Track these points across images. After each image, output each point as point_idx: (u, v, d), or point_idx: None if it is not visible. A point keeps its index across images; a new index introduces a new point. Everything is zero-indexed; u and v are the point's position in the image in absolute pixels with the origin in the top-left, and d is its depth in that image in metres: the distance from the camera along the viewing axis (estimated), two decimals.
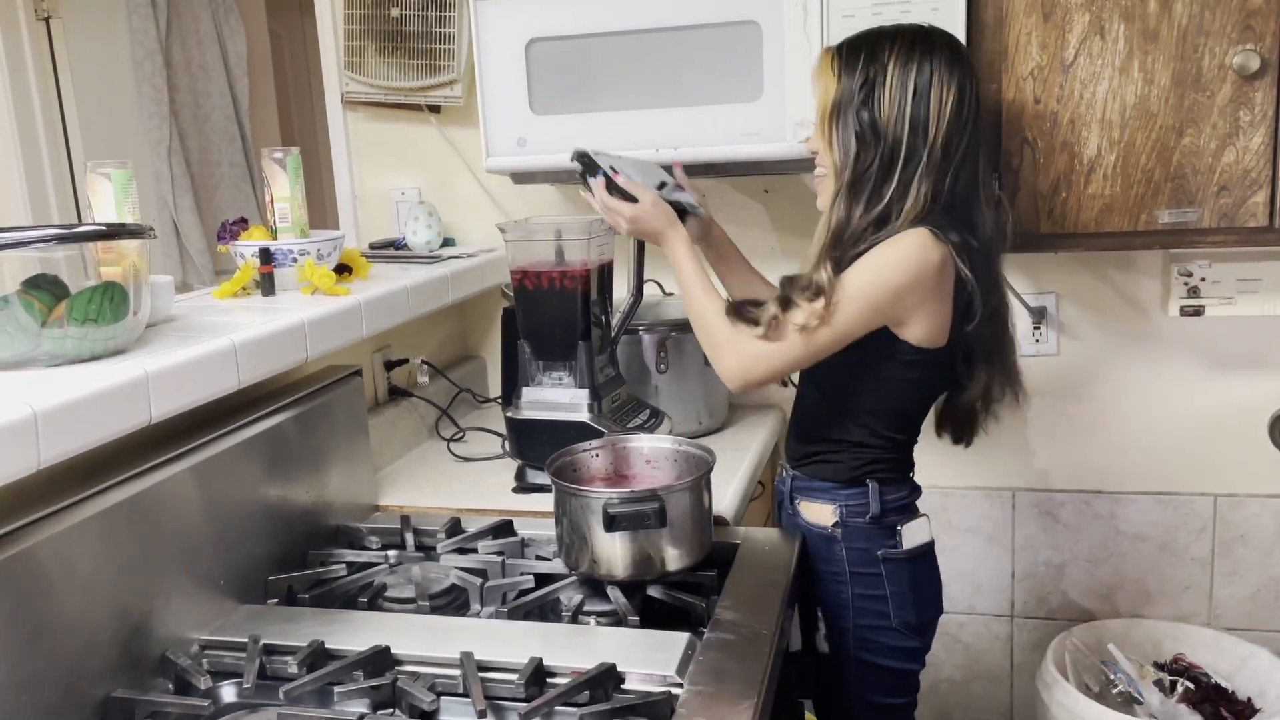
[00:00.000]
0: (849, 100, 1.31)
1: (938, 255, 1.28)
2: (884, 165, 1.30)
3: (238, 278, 1.59)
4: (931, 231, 1.28)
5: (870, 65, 1.30)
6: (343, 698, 1.10)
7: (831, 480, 1.42)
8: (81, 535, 1.07)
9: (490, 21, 1.78)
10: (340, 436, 1.55)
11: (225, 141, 3.32)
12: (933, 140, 1.28)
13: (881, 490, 1.40)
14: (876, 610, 1.41)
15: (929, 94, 1.28)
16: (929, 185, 1.29)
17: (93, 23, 2.85)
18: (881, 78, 1.29)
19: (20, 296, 1.10)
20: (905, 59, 1.29)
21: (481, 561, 1.42)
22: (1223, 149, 1.57)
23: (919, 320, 1.32)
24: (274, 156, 1.66)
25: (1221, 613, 2.03)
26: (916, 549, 1.41)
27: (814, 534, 1.44)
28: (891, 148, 1.29)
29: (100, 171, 1.35)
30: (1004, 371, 1.42)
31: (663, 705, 1.05)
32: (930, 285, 1.29)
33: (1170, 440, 1.99)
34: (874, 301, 1.29)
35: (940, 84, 1.28)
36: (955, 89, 1.28)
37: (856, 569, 1.41)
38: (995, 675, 2.17)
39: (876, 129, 1.29)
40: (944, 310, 1.33)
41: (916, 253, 1.28)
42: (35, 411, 0.96)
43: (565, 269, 1.62)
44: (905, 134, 1.28)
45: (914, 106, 1.28)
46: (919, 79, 1.28)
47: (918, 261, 1.28)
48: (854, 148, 1.31)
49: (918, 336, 1.33)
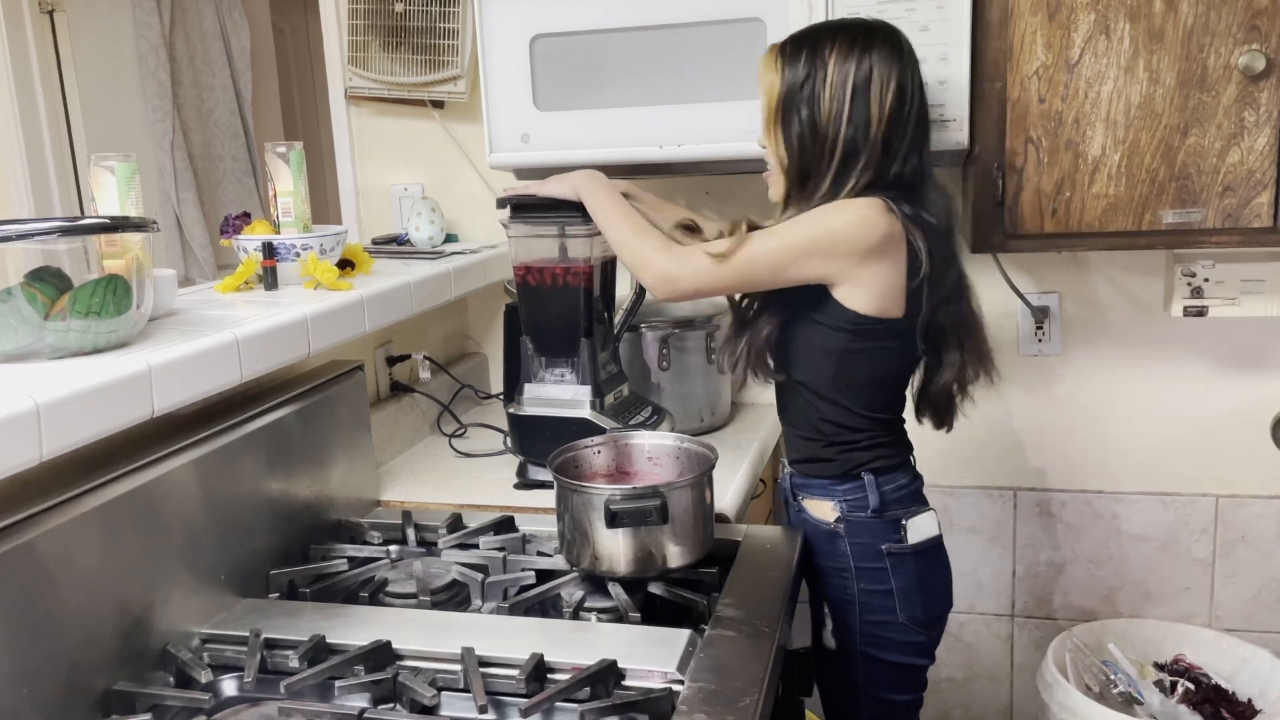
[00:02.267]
0: (792, 97, 1.34)
1: (884, 222, 1.30)
2: (825, 161, 1.33)
3: (240, 272, 1.59)
4: (884, 201, 1.31)
5: (811, 62, 1.32)
6: (344, 692, 1.10)
7: (827, 476, 1.42)
8: (83, 528, 1.07)
9: (495, 17, 1.78)
10: (342, 431, 1.55)
11: (228, 136, 3.32)
12: (874, 136, 1.31)
13: (878, 482, 1.40)
14: (883, 605, 1.41)
15: (868, 90, 1.30)
16: (869, 176, 1.32)
17: (97, 16, 2.85)
18: (822, 75, 1.31)
19: (23, 289, 1.10)
20: (845, 55, 1.31)
21: (483, 557, 1.42)
22: (1227, 149, 1.57)
23: (859, 283, 1.32)
24: (277, 151, 1.66)
25: (1222, 613, 2.02)
26: (922, 543, 1.41)
27: (818, 530, 1.44)
28: (833, 144, 1.32)
29: (104, 165, 1.34)
30: (975, 353, 1.42)
31: (663, 702, 1.05)
32: (871, 247, 1.30)
33: (1172, 441, 1.99)
34: (793, 238, 1.32)
35: (880, 80, 1.30)
36: (895, 84, 1.31)
37: (861, 564, 1.41)
38: (996, 675, 2.17)
39: (817, 127, 1.32)
40: (891, 278, 1.33)
41: (863, 211, 1.30)
42: (38, 404, 0.96)
43: (568, 265, 1.62)
44: (844, 130, 1.31)
45: (854, 104, 1.30)
46: (858, 76, 1.30)
47: (861, 220, 1.30)
48: (796, 146, 1.34)
49: (861, 302, 1.33)
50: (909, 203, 1.32)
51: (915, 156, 1.34)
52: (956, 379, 1.42)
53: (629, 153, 1.75)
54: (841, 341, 1.36)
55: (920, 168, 1.35)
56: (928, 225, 1.33)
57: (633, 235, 1.44)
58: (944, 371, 1.42)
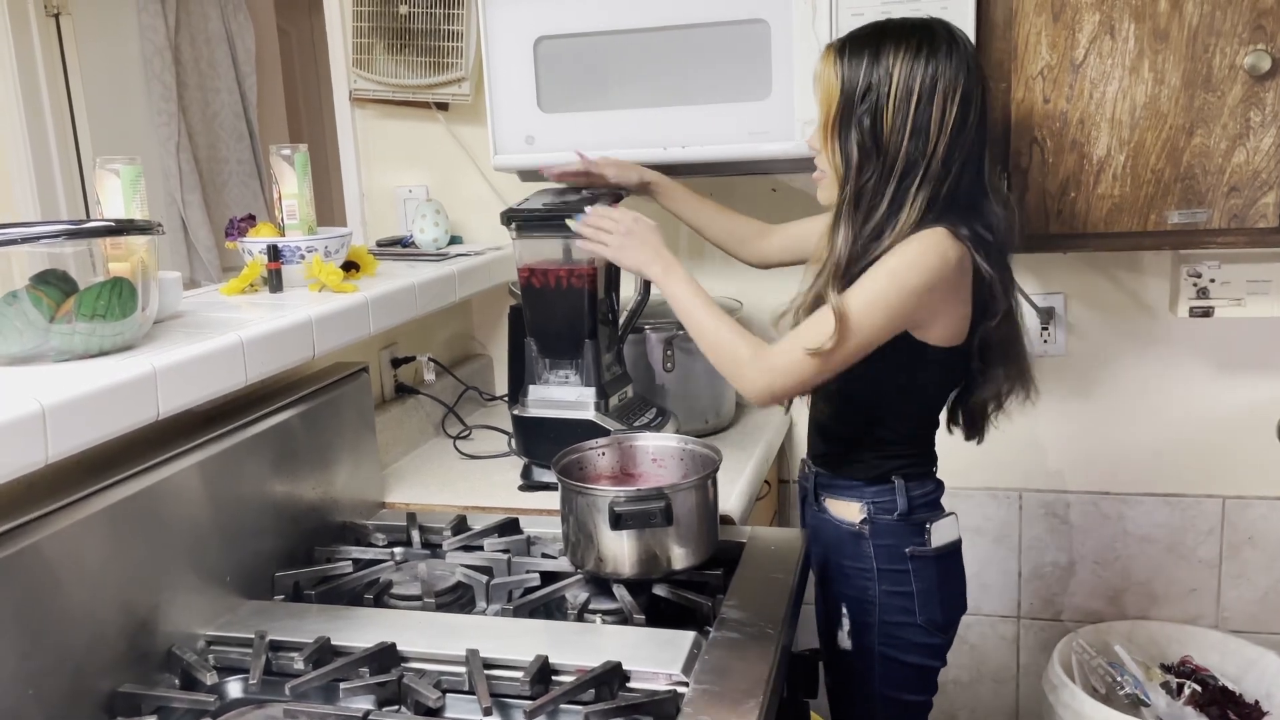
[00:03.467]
0: (852, 106, 1.28)
1: (955, 253, 1.26)
2: (883, 178, 1.28)
3: (245, 274, 1.59)
4: (948, 229, 1.26)
5: (874, 69, 1.27)
6: (348, 694, 1.11)
7: (857, 478, 1.42)
8: (89, 530, 1.07)
9: (499, 19, 1.78)
10: (347, 433, 1.55)
11: (233, 139, 3.32)
12: (933, 149, 1.25)
13: (908, 486, 1.39)
14: (903, 607, 1.40)
15: (933, 99, 1.25)
16: (925, 195, 1.26)
17: (102, 20, 2.86)
18: (886, 84, 1.26)
19: (29, 292, 1.10)
20: (911, 62, 1.25)
21: (487, 559, 1.42)
22: (1233, 150, 1.56)
23: (940, 321, 1.30)
24: (282, 154, 1.66)
25: (1229, 615, 2.02)
26: (944, 547, 1.41)
27: (841, 531, 1.43)
28: (893, 159, 1.27)
29: (109, 168, 1.35)
30: (1019, 370, 1.41)
31: (668, 704, 1.05)
32: (951, 283, 1.27)
33: (1178, 442, 1.98)
34: (893, 308, 1.26)
35: (945, 90, 1.25)
36: (961, 94, 1.25)
37: (884, 566, 1.40)
38: (1002, 676, 2.16)
39: (879, 140, 1.27)
40: (964, 308, 1.32)
41: (935, 253, 1.25)
42: (43, 407, 0.96)
43: (572, 267, 1.62)
44: (906, 143, 1.26)
45: (917, 114, 1.25)
46: (923, 84, 1.25)
47: (937, 262, 1.25)
48: (855, 158, 1.29)
49: (939, 337, 1.31)
50: (967, 223, 1.27)
51: (973, 167, 1.29)
52: (995, 395, 1.41)
53: (633, 154, 1.74)
54: (907, 371, 1.34)
55: (979, 180, 1.30)
56: (988, 244, 1.28)
57: (716, 339, 1.36)
58: (986, 387, 1.40)
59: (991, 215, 1.30)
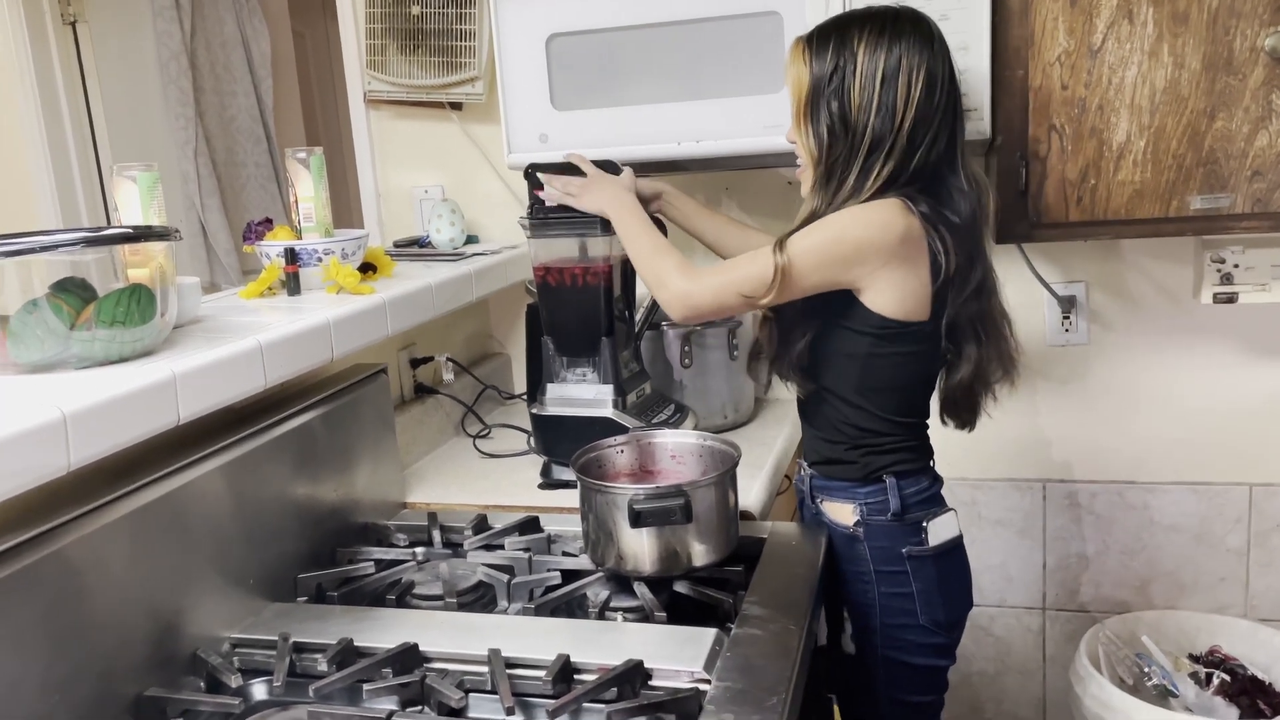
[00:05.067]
0: (820, 90, 1.32)
1: (902, 223, 1.28)
2: (852, 152, 1.31)
3: (264, 278, 1.60)
4: (902, 200, 1.29)
5: (840, 53, 1.30)
6: (372, 695, 1.11)
7: (849, 479, 1.41)
8: (113, 536, 1.08)
9: (511, 18, 1.78)
10: (367, 434, 1.56)
11: (250, 142, 3.34)
12: (899, 125, 1.28)
13: (900, 485, 1.38)
14: (903, 609, 1.39)
15: (897, 79, 1.28)
16: (890, 168, 1.29)
17: (119, 26, 2.88)
18: (851, 65, 1.29)
19: (49, 300, 1.11)
20: (874, 44, 1.29)
21: (508, 558, 1.42)
22: (1255, 133, 1.54)
23: (882, 286, 1.31)
24: (298, 156, 1.67)
25: (1258, 604, 2.00)
26: (943, 545, 1.39)
27: (837, 533, 1.42)
28: (860, 136, 1.30)
29: (126, 174, 1.35)
30: (996, 350, 1.40)
31: (690, 701, 1.05)
32: (891, 250, 1.28)
33: (1204, 429, 1.96)
34: (827, 253, 1.30)
35: (909, 69, 1.28)
36: (925, 72, 1.28)
37: (881, 568, 1.39)
38: (1027, 668, 2.15)
39: (846, 119, 1.30)
40: (913, 280, 1.31)
41: (878, 214, 1.29)
42: (65, 414, 0.97)
43: (588, 265, 1.61)
44: (873, 120, 1.29)
45: (882, 93, 1.28)
46: (887, 64, 1.28)
47: (879, 223, 1.28)
48: (826, 139, 1.32)
49: (887, 306, 1.31)
50: (929, 200, 1.30)
51: (941, 146, 1.31)
52: (975, 376, 1.39)
53: (647, 150, 1.74)
54: (867, 346, 1.34)
55: (947, 158, 1.32)
56: (949, 223, 1.30)
57: (651, 253, 1.43)
58: (962, 367, 1.39)
59: (957, 193, 1.32)
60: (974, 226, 1.34)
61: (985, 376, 1.40)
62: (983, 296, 1.37)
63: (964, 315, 1.36)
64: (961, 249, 1.31)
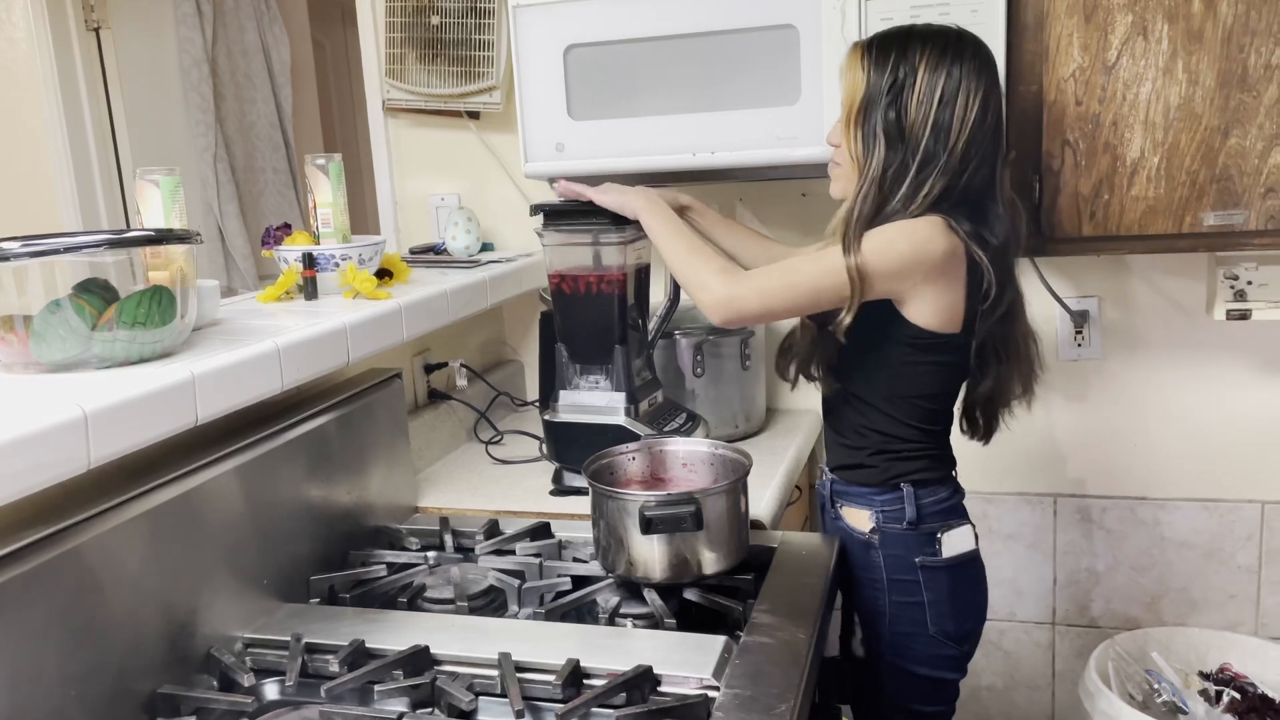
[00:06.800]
0: (876, 98, 1.32)
1: (946, 241, 1.29)
2: (903, 165, 1.31)
3: (281, 282, 1.61)
4: (945, 220, 1.30)
5: (900, 65, 1.31)
6: (383, 696, 1.12)
7: (868, 485, 1.42)
8: (129, 534, 1.09)
9: (529, 28, 1.79)
10: (381, 439, 1.57)
11: (269, 148, 3.37)
12: (953, 145, 1.29)
13: (917, 494, 1.39)
14: (913, 618, 1.40)
15: (955, 100, 1.29)
16: (941, 185, 1.30)
17: (141, 33, 2.91)
18: (911, 80, 1.30)
19: (72, 300, 1.13)
20: (936, 63, 1.30)
21: (519, 563, 1.43)
22: (1269, 150, 1.55)
23: (923, 300, 1.32)
24: (317, 163, 1.69)
25: (1269, 621, 1.99)
26: (957, 557, 1.40)
27: (853, 539, 1.43)
28: (914, 149, 1.30)
29: (148, 178, 1.37)
30: (1019, 370, 1.42)
31: (699, 708, 1.05)
32: (935, 266, 1.30)
33: (1216, 446, 1.96)
34: (876, 265, 1.29)
35: (968, 91, 1.29)
36: (981, 97, 1.30)
37: (894, 576, 1.40)
38: (1037, 683, 2.14)
39: (901, 130, 1.31)
40: (952, 296, 1.33)
41: (925, 231, 1.30)
42: (86, 412, 0.99)
43: (602, 273, 1.62)
44: (927, 138, 1.29)
45: (939, 112, 1.29)
46: (947, 85, 1.29)
47: (925, 239, 1.29)
48: (879, 145, 1.32)
49: (924, 318, 1.33)
50: (970, 220, 1.31)
51: (985, 169, 1.32)
52: (996, 391, 1.43)
53: (663, 160, 1.75)
54: (899, 355, 1.36)
55: (989, 182, 1.34)
56: (987, 244, 1.32)
57: (688, 254, 1.41)
58: (984, 382, 1.43)
59: (995, 217, 1.34)
60: (1008, 250, 1.36)
61: (1006, 393, 1.44)
62: (1009, 319, 1.39)
63: (993, 336, 1.39)
64: (998, 268, 1.33)
